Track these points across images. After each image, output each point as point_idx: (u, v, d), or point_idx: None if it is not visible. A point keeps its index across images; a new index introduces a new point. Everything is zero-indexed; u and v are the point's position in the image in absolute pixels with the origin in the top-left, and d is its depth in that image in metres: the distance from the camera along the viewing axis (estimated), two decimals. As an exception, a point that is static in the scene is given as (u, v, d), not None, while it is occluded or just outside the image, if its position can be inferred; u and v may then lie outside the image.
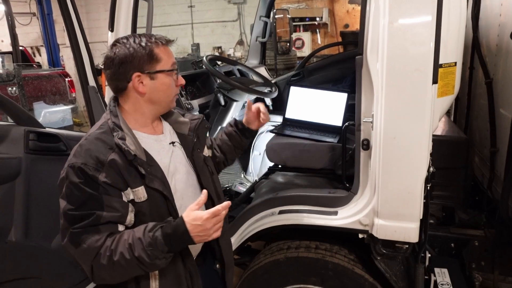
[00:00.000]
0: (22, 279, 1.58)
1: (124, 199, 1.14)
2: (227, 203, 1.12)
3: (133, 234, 1.09)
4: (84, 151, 1.12)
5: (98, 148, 1.13)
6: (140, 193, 1.15)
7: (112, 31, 1.85)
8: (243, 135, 1.60)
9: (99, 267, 1.09)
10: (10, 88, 5.12)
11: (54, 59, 7.25)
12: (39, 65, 8.13)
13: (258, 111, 1.53)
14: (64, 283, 1.76)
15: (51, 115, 5.35)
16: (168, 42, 1.25)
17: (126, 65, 1.18)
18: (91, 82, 1.88)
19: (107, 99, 1.90)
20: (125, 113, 1.24)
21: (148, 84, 1.20)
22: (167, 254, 1.10)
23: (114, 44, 1.22)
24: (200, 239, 1.11)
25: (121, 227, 1.14)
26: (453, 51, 1.45)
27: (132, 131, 1.21)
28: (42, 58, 10.17)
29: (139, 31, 1.75)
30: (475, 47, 2.19)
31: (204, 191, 1.16)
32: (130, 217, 1.15)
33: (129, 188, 1.14)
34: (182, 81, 1.28)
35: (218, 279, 1.46)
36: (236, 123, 1.62)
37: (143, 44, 1.19)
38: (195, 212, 1.09)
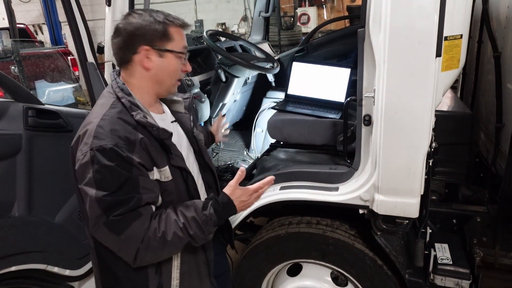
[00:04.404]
0: (27, 252, 1.61)
1: (152, 178, 1.14)
2: (271, 178, 1.25)
3: (183, 214, 1.12)
4: (109, 132, 1.06)
5: (125, 128, 1.08)
6: (167, 173, 1.16)
7: (109, 5, 1.81)
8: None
9: (146, 249, 1.07)
10: (13, 67, 5.11)
11: (56, 37, 7.19)
12: (42, 43, 8.08)
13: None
14: (69, 256, 1.80)
15: (55, 94, 5.35)
16: (184, 25, 1.22)
17: (137, 36, 1.14)
18: (90, 58, 1.86)
19: (106, 76, 1.89)
20: (134, 91, 1.20)
21: (155, 61, 1.17)
22: (215, 228, 1.17)
23: (129, 14, 1.19)
24: (240, 210, 1.21)
25: (154, 208, 1.13)
26: (459, 23, 1.40)
27: (149, 111, 1.20)
28: (44, 36, 10.10)
29: (137, 7, 1.71)
30: (484, 20, 2.12)
31: (242, 168, 1.22)
32: (160, 197, 1.16)
33: (155, 168, 1.13)
34: (189, 68, 1.26)
35: (222, 248, 1.62)
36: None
37: (159, 19, 1.16)
38: (239, 188, 1.18)
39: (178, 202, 1.18)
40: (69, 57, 5.87)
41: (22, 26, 7.57)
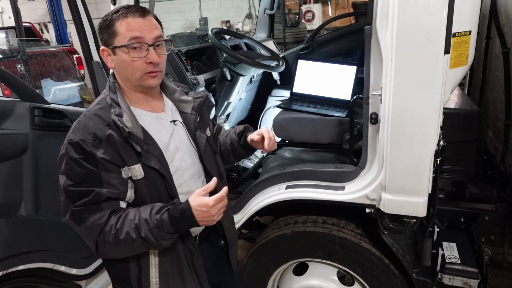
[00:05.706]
0: (34, 251, 1.62)
1: (124, 175, 1.14)
2: (226, 189, 1.14)
3: (139, 215, 1.11)
4: (82, 127, 1.12)
5: (96, 124, 1.13)
6: (136, 171, 1.15)
7: (114, 4, 1.81)
8: (243, 150, 1.52)
9: (104, 244, 1.11)
10: (19, 66, 5.14)
11: (62, 36, 7.21)
12: (48, 42, 8.11)
13: (263, 137, 1.40)
14: (76, 255, 1.81)
15: (61, 92, 5.37)
16: (129, 12, 1.14)
17: (99, 38, 1.20)
18: (95, 57, 1.86)
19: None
20: (122, 89, 1.23)
21: (114, 60, 1.19)
22: (173, 235, 1.13)
23: None
24: (205, 223, 1.14)
25: (122, 204, 1.15)
26: (468, 19, 1.38)
27: (130, 108, 1.20)
28: (50, 35, 10.15)
29: (142, 4, 1.71)
30: (492, 15, 2.09)
31: (214, 178, 1.17)
32: (130, 194, 1.16)
33: (126, 166, 1.14)
34: (153, 58, 1.16)
35: (223, 254, 1.49)
36: (241, 134, 1.51)
37: (109, 16, 1.16)
38: (201, 198, 1.11)
39: (154, 202, 1.17)
40: (74, 56, 5.89)
41: (28, 24, 7.60)
